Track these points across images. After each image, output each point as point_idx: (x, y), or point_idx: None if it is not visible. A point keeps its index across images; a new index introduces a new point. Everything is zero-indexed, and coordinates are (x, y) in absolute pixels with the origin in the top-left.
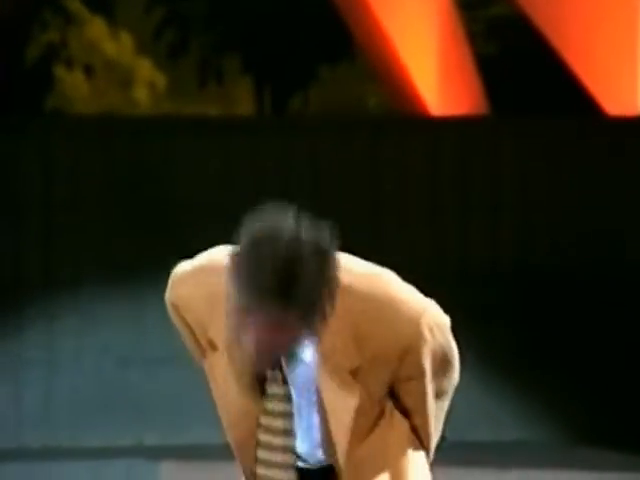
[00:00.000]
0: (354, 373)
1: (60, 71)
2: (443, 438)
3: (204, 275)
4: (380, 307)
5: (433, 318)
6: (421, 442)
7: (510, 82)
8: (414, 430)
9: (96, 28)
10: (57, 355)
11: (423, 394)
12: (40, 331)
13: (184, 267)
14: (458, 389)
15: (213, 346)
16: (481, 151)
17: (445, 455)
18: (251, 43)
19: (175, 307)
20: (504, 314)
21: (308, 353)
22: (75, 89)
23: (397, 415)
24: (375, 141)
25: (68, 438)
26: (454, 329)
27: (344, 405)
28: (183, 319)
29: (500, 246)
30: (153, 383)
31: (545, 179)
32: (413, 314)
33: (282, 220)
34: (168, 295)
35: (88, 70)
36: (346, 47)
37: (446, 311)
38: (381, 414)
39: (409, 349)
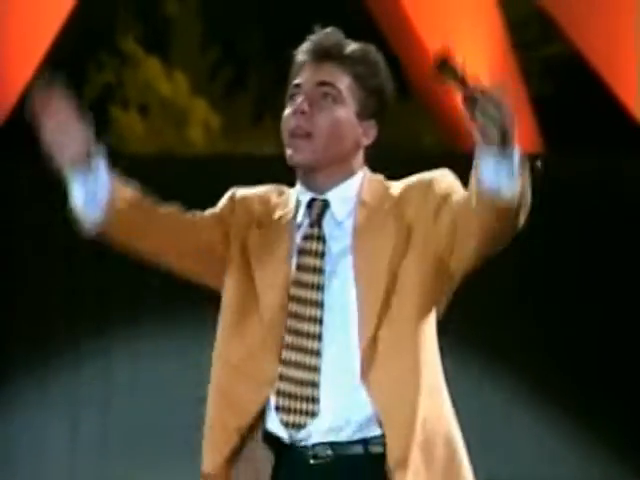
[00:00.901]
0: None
1: (116, 111)
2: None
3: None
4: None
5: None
6: None
7: (566, 121)
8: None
9: (151, 68)
10: (113, 393)
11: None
12: (97, 368)
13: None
14: (515, 422)
15: (259, 225)
16: (535, 188)
17: None
18: None
19: (232, 199)
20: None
21: (343, 212)
22: (131, 129)
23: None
24: None
25: (123, 478)
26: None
27: (376, 271)
28: (232, 210)
29: (555, 284)
30: None
31: (599, 217)
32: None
33: None
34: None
35: (143, 110)
36: (401, 85)
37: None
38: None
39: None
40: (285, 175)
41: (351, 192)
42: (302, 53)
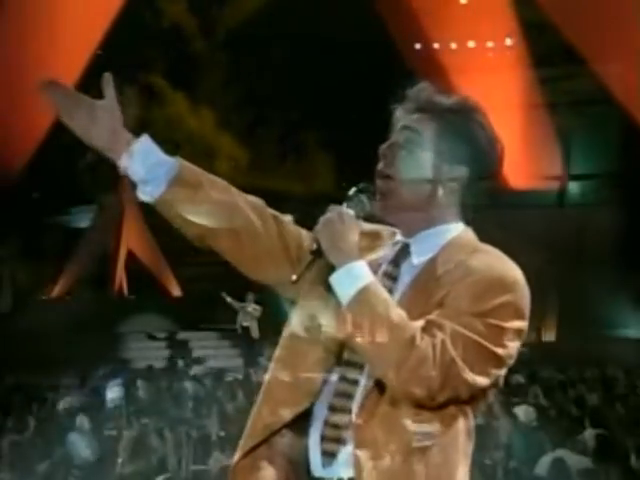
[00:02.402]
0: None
1: None
2: None
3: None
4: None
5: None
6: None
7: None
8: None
9: (178, 104)
10: None
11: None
12: None
13: None
14: None
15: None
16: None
17: None
18: (331, 119)
19: None
20: None
21: (420, 258)
22: None
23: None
24: None
25: None
26: None
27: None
28: None
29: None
30: None
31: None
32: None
33: None
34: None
35: (171, 145)
36: None
37: None
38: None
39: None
40: (309, 213)
41: (437, 241)
42: (399, 109)
